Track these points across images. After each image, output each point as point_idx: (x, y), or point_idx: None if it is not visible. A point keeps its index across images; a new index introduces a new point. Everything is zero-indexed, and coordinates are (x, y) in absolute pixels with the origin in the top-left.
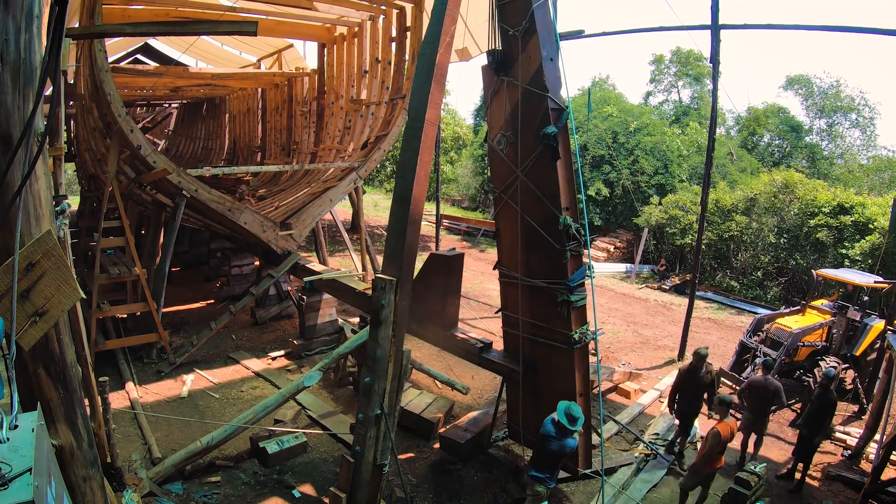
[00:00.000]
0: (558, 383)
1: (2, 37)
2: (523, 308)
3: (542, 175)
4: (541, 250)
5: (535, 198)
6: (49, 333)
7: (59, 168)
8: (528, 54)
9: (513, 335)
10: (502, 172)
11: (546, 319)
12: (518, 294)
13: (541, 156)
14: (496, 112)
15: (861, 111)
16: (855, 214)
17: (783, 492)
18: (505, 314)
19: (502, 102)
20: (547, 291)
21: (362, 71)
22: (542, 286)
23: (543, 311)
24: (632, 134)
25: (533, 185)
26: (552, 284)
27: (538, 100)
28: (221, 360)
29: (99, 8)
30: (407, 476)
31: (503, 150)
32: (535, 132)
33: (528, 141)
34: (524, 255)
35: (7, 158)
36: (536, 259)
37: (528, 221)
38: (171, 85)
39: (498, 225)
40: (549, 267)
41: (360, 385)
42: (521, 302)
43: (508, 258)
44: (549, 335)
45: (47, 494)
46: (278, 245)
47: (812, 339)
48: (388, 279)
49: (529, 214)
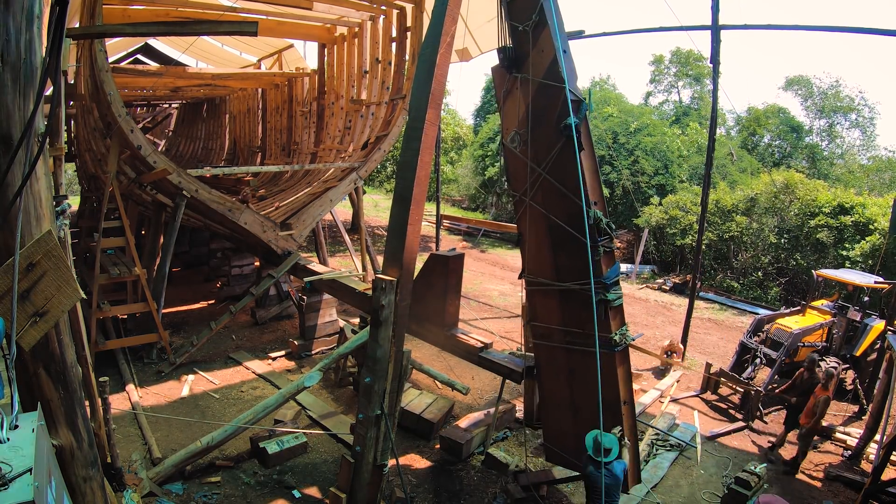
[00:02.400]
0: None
1: (2, 37)
2: (554, 316)
3: (564, 170)
4: (569, 250)
5: (560, 195)
6: (49, 333)
7: (59, 168)
8: (539, 48)
9: (546, 347)
10: (521, 173)
11: (581, 324)
12: (548, 301)
13: (563, 149)
14: (510, 112)
15: (861, 111)
16: (855, 215)
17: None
18: (534, 325)
19: (516, 101)
20: (580, 294)
21: (362, 71)
22: (575, 289)
23: (577, 316)
24: (632, 134)
25: (557, 182)
26: (586, 285)
27: (555, 93)
28: (221, 361)
29: (99, 8)
30: (407, 476)
31: (517, 148)
32: (553, 127)
33: (548, 136)
34: (552, 258)
35: (7, 158)
36: (565, 260)
37: (554, 221)
38: (171, 85)
39: (520, 229)
40: (581, 267)
41: (360, 385)
42: (551, 309)
43: (534, 263)
44: (586, 340)
45: (47, 494)
46: (278, 245)
47: (812, 340)
48: (389, 280)
49: (554, 213)
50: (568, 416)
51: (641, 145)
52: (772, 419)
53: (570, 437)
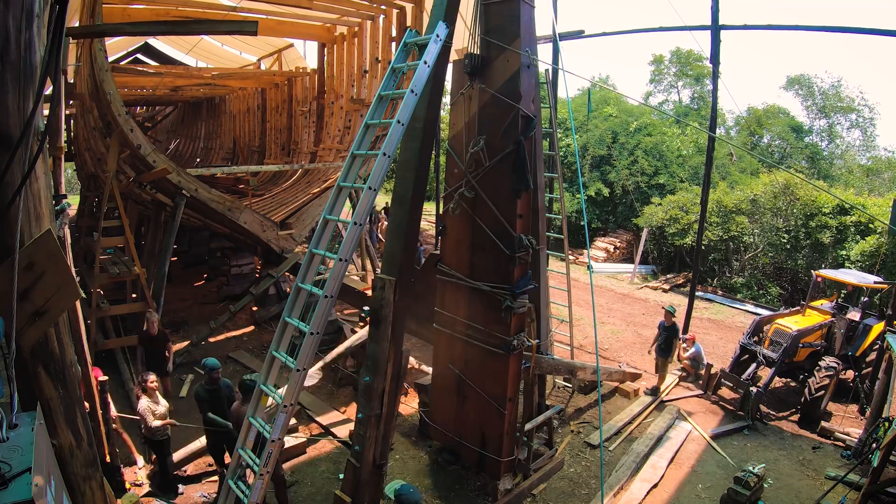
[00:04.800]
0: (488, 387)
1: (2, 36)
2: (461, 309)
3: (499, 182)
4: (488, 253)
5: (488, 203)
6: (49, 333)
7: (59, 167)
8: (506, 58)
9: (446, 336)
10: (457, 172)
11: (484, 322)
12: (457, 294)
13: (501, 162)
14: (458, 113)
15: (861, 111)
16: (855, 215)
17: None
18: (439, 313)
19: (468, 103)
20: (488, 295)
21: (362, 71)
22: (485, 290)
23: (482, 315)
24: (632, 134)
25: (489, 191)
26: (496, 289)
27: (509, 106)
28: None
29: (99, 7)
30: (407, 476)
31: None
32: (499, 137)
33: (492, 145)
34: (469, 257)
35: (7, 158)
36: (482, 261)
37: (479, 224)
38: (171, 84)
39: (446, 222)
40: (495, 271)
41: (360, 385)
42: (459, 302)
43: (452, 257)
44: (486, 338)
45: (47, 494)
46: (278, 245)
47: (812, 340)
48: (388, 279)
49: (481, 217)
50: (454, 401)
51: (641, 145)
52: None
53: (453, 420)
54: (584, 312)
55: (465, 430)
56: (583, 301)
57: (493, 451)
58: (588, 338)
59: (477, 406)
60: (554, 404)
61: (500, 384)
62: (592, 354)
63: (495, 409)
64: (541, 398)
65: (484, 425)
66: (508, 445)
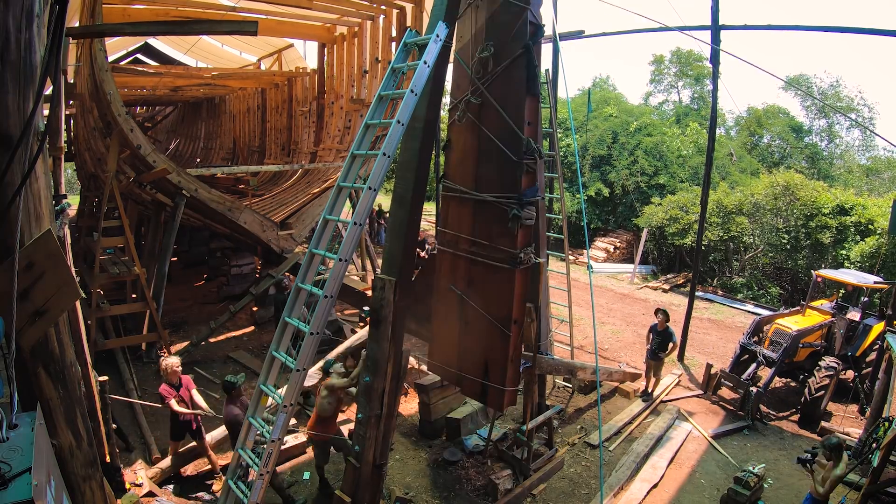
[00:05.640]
0: (492, 308)
1: (2, 36)
2: (465, 226)
3: (507, 88)
4: (494, 164)
5: (495, 110)
6: (48, 333)
7: (59, 167)
8: None
9: (450, 255)
10: (464, 83)
11: (489, 237)
12: (462, 210)
13: (509, 68)
14: (465, 24)
15: (860, 111)
16: (855, 215)
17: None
18: (443, 232)
19: (475, 14)
20: (494, 208)
21: (362, 71)
22: (490, 200)
23: (487, 229)
24: (632, 134)
25: (496, 98)
26: (502, 199)
27: (516, 14)
28: (221, 361)
29: (99, 7)
30: (407, 476)
31: (482, 59)
32: (506, 45)
33: (499, 53)
34: (474, 169)
35: (7, 158)
36: (488, 173)
37: (486, 133)
38: (171, 85)
39: (450, 135)
40: (501, 182)
41: (360, 385)
42: (463, 218)
43: (456, 172)
44: (491, 254)
45: (47, 493)
46: (278, 245)
47: (812, 340)
48: (388, 279)
49: (488, 125)
50: (456, 328)
51: (641, 145)
52: None
53: (455, 351)
54: (584, 312)
55: (466, 361)
56: (583, 301)
57: (497, 381)
58: (588, 338)
59: (479, 331)
60: (554, 404)
61: (506, 303)
62: (592, 354)
63: (499, 332)
64: (541, 398)
65: (487, 351)
66: (513, 374)
